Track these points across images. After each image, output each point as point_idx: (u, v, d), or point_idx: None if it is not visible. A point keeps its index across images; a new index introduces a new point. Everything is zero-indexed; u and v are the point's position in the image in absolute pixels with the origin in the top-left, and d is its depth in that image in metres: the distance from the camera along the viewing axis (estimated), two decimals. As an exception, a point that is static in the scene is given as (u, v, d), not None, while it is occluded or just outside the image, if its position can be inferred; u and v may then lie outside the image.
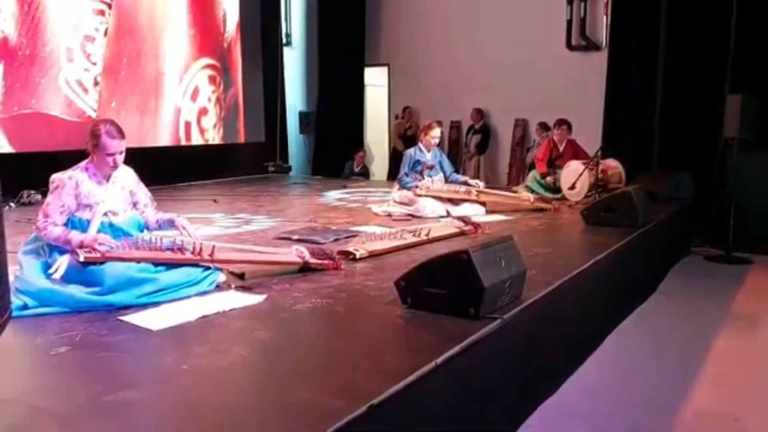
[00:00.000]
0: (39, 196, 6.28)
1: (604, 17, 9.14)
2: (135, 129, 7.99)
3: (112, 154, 3.23)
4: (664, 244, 6.04)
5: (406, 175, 5.99)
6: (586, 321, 3.99)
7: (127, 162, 3.38)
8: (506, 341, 2.82)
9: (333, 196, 7.56)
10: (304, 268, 3.63)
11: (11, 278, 2.83)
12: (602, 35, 9.23)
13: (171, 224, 3.47)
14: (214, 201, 6.94)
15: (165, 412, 1.98)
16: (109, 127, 3.23)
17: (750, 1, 7.42)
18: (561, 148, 7.14)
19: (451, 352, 2.37)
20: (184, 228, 3.43)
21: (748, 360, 4.06)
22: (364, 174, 10.35)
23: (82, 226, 3.23)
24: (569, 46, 9.47)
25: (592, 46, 9.31)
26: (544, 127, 8.48)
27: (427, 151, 6.09)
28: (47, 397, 2.08)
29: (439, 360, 2.29)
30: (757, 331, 4.59)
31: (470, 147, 10.20)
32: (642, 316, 4.86)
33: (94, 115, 7.65)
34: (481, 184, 6.33)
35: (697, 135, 7.79)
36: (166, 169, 8.14)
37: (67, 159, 3.46)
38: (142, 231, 3.45)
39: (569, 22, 9.40)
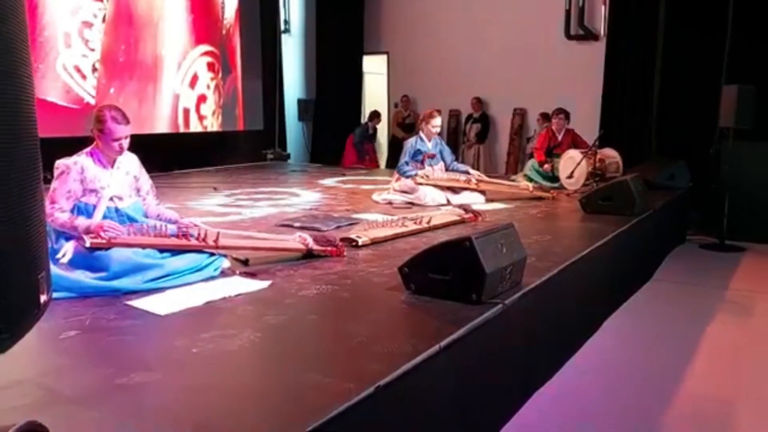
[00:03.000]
0: (39, 183, 6.29)
1: (603, 7, 9.17)
2: (133, 116, 7.76)
3: (118, 140, 3.27)
4: (661, 231, 6.10)
5: (407, 164, 6.02)
6: (584, 306, 4.05)
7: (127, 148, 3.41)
8: (507, 326, 2.87)
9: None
10: (307, 255, 3.67)
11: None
12: (600, 25, 9.26)
13: (173, 224, 3.47)
14: (214, 189, 6.96)
15: (178, 394, 2.02)
16: (114, 112, 3.27)
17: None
18: (559, 137, 7.19)
19: (453, 336, 2.43)
20: (195, 225, 3.46)
21: (740, 344, 4.13)
22: (373, 136, 10.55)
23: (88, 211, 3.26)
24: (567, 35, 9.49)
25: (590, 35, 9.34)
26: (545, 117, 8.52)
27: (428, 140, 6.12)
28: (62, 379, 2.12)
29: (443, 343, 2.35)
30: (750, 317, 4.67)
31: (470, 136, 10.24)
32: (638, 302, 4.94)
33: (92, 101, 7.65)
34: (481, 175, 6.37)
35: (694, 124, 7.85)
36: (164, 156, 8.14)
37: (65, 145, 3.49)
38: (146, 216, 3.49)
39: (568, 12, 9.42)
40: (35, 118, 1.16)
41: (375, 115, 10.58)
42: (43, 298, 1.07)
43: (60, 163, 3.26)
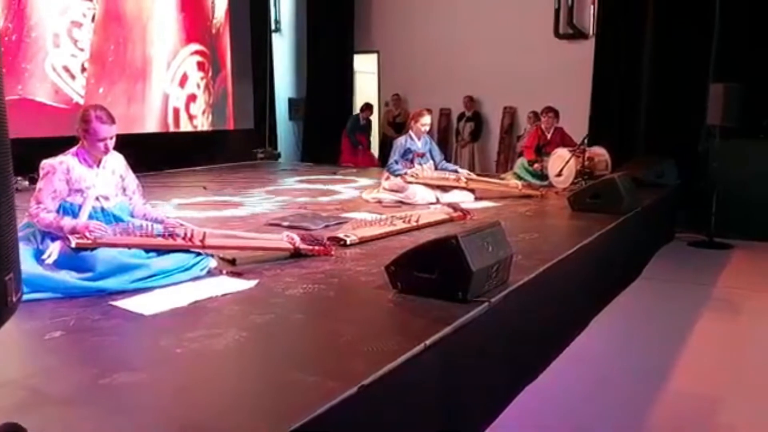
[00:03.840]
0: (26, 183, 6.26)
1: (592, 6, 9.21)
2: (123, 115, 7.95)
3: (103, 140, 3.25)
4: (649, 229, 6.12)
5: (396, 162, 6.02)
6: (572, 305, 4.06)
7: (115, 148, 3.40)
8: (493, 324, 2.88)
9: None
10: (295, 254, 3.67)
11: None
12: (589, 24, 9.30)
13: (159, 224, 3.46)
14: (204, 188, 6.95)
15: (161, 394, 2.02)
16: (99, 112, 3.25)
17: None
18: (548, 136, 7.21)
19: (439, 335, 2.43)
20: (181, 224, 3.46)
21: (728, 342, 4.16)
22: (368, 127, 10.62)
23: (74, 210, 3.25)
24: (557, 34, 9.52)
25: (579, 34, 9.37)
26: (535, 115, 8.55)
27: (418, 139, 6.12)
28: (46, 379, 2.12)
29: (428, 342, 2.35)
30: (738, 314, 4.70)
31: (464, 134, 10.27)
32: (627, 299, 4.95)
33: (81, 101, 7.61)
34: (470, 173, 6.39)
35: (683, 122, 7.89)
36: (154, 155, 8.11)
37: (54, 145, 3.47)
38: (132, 216, 3.48)
39: (557, 11, 9.46)
40: (3, 112, 1.15)
41: (366, 107, 10.65)
42: (11, 299, 1.06)
43: (45, 164, 3.25)
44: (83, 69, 7.76)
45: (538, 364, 3.48)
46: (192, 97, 9.23)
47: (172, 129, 8.97)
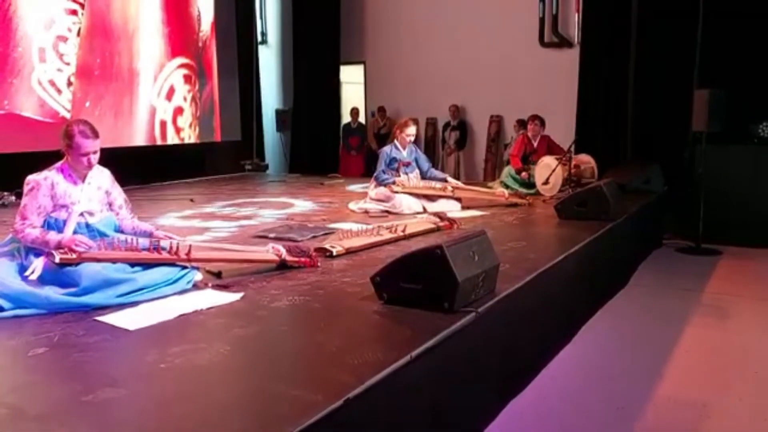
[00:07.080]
0: (13, 198, 6.22)
1: (576, 14, 9.28)
2: (110, 129, 7.94)
3: (87, 154, 3.23)
4: (636, 236, 6.14)
5: (383, 172, 6.02)
6: (560, 313, 4.06)
7: (102, 162, 3.39)
8: (480, 334, 2.87)
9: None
10: (281, 266, 3.66)
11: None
12: (574, 32, 9.36)
13: (148, 236, 3.45)
14: (191, 200, 6.93)
15: (145, 409, 2.00)
16: (82, 126, 3.24)
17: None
18: (535, 144, 7.23)
19: (425, 346, 2.42)
20: (167, 236, 3.44)
21: (717, 347, 4.17)
22: (360, 129, 10.82)
23: (58, 226, 3.23)
24: (542, 42, 9.59)
25: (564, 42, 9.44)
26: (521, 124, 8.59)
27: (403, 148, 6.13)
28: (27, 397, 2.09)
29: (414, 353, 2.34)
30: (726, 319, 4.72)
31: (450, 143, 10.31)
32: (615, 307, 4.96)
33: (67, 115, 7.59)
34: (457, 182, 6.40)
35: (668, 128, 7.95)
36: (141, 168, 8.11)
37: (41, 160, 3.46)
38: (118, 231, 3.46)
39: (542, 20, 9.52)
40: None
41: (351, 111, 10.99)
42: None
43: (30, 179, 3.23)
44: (69, 83, 7.73)
45: (527, 373, 3.48)
46: (179, 110, 9.22)
47: (159, 142, 8.94)
